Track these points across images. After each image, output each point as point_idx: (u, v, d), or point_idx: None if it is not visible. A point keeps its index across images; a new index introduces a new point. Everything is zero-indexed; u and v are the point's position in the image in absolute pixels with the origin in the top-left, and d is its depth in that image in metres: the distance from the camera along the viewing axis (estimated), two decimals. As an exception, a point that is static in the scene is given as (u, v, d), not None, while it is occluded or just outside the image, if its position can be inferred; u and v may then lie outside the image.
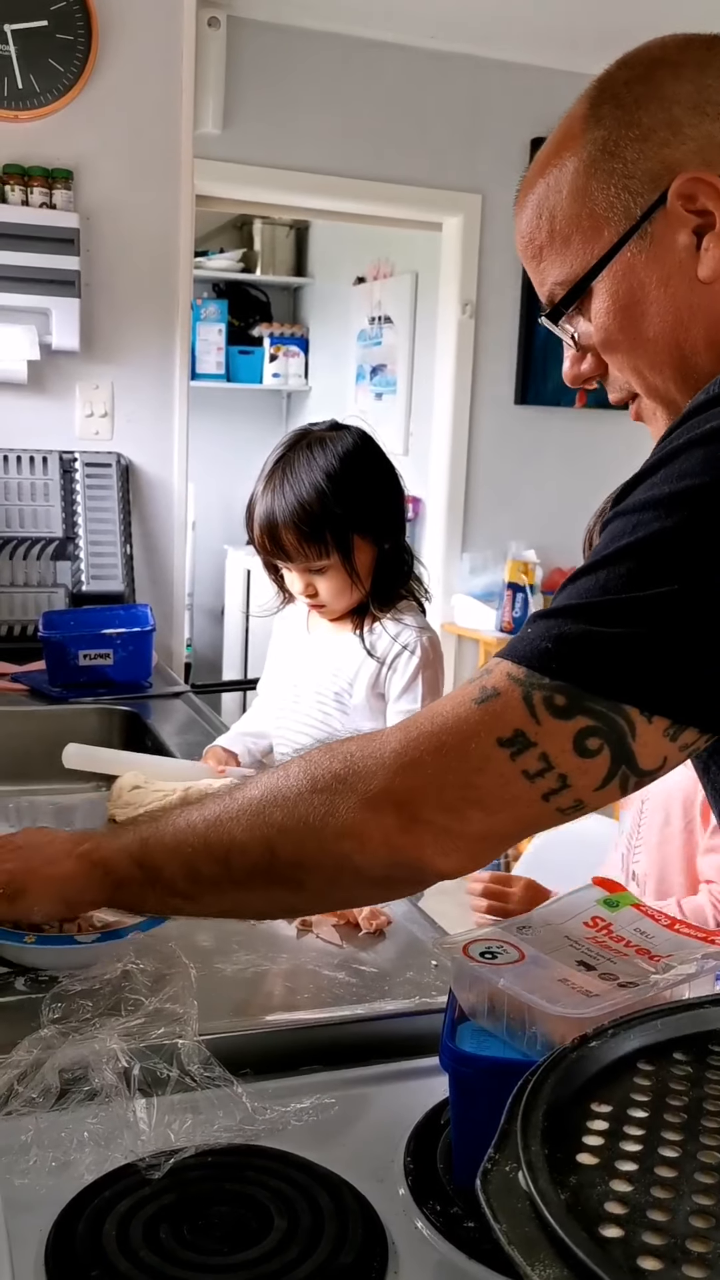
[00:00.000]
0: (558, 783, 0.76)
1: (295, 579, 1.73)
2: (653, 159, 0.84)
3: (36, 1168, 0.80)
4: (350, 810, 0.81)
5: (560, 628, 0.75)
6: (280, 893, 0.88)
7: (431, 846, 0.79)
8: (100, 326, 2.78)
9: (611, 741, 0.74)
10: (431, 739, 0.79)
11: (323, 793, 0.82)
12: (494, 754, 0.76)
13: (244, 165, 3.87)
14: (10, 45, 2.59)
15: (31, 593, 2.65)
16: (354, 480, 1.69)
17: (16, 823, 1.64)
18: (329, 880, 0.85)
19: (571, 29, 3.69)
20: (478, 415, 4.36)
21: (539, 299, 0.95)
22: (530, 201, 0.92)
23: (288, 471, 1.69)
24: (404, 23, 3.78)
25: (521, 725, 0.75)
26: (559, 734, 0.74)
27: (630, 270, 0.86)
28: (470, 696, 0.79)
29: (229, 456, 5.98)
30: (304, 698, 1.82)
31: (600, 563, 0.75)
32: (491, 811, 0.78)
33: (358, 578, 1.72)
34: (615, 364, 0.92)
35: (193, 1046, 0.88)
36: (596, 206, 0.87)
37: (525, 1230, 0.52)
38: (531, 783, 0.76)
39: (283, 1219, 0.76)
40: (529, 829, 0.81)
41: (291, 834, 0.83)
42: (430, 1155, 0.83)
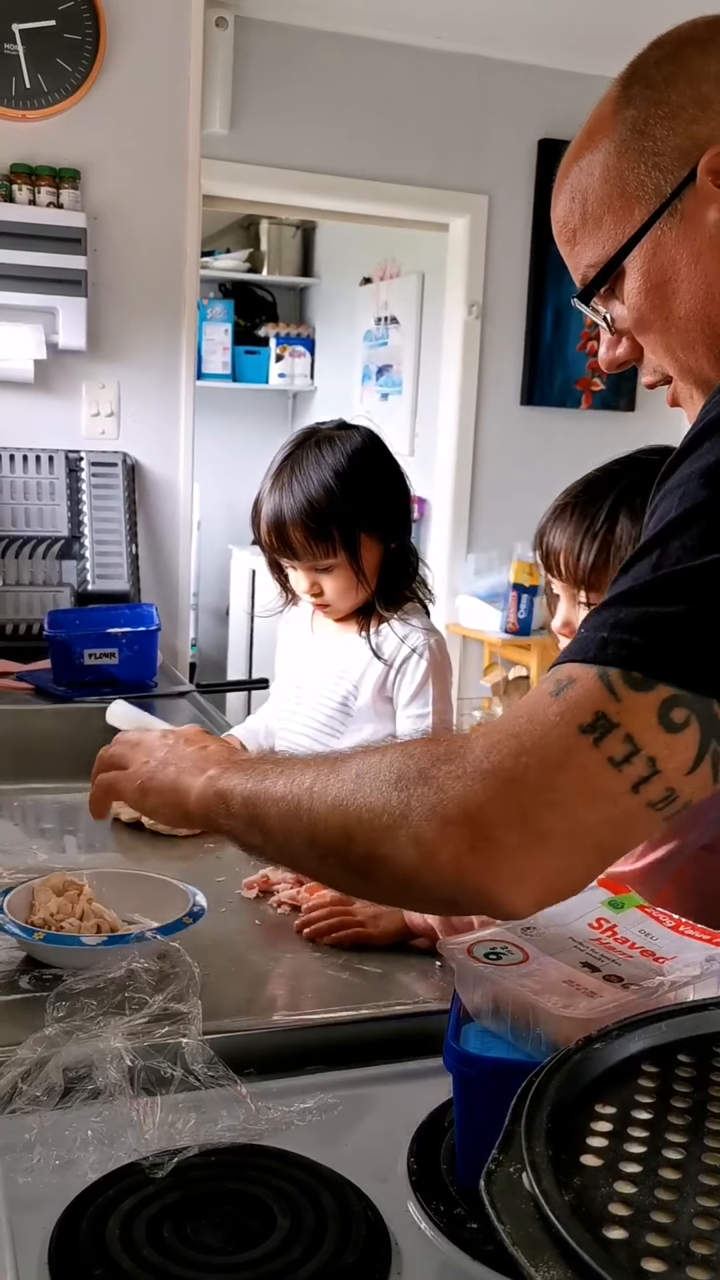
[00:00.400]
0: (647, 767, 0.70)
1: (301, 578, 1.73)
2: (682, 135, 0.84)
3: (40, 1166, 0.80)
4: (423, 818, 0.75)
5: (616, 615, 0.72)
6: (354, 879, 0.83)
7: (504, 870, 0.72)
8: (107, 326, 2.79)
9: (698, 710, 0.69)
10: (511, 741, 0.73)
11: (403, 791, 0.77)
12: (576, 744, 0.71)
13: (251, 165, 3.87)
14: (18, 45, 2.60)
15: (37, 592, 2.66)
16: (362, 479, 1.69)
17: (21, 821, 1.64)
18: (397, 884, 0.79)
19: (579, 30, 3.68)
20: (483, 416, 4.36)
21: (564, 289, 0.95)
22: (565, 187, 0.92)
23: (296, 469, 1.68)
24: (411, 24, 3.78)
25: (601, 706, 0.70)
26: (641, 708, 0.69)
27: (661, 247, 0.86)
28: (546, 691, 0.74)
29: (234, 456, 5.98)
30: (308, 699, 1.82)
31: (651, 543, 0.73)
32: (576, 815, 0.71)
33: (364, 577, 1.72)
34: (648, 345, 0.91)
35: (196, 1046, 0.89)
36: (627, 186, 0.87)
37: (529, 1231, 0.52)
38: (619, 771, 0.70)
39: (286, 1219, 0.75)
40: (619, 835, 0.74)
41: (367, 828, 0.79)
42: (434, 1156, 0.83)
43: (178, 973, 0.98)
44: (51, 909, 1.13)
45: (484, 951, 0.82)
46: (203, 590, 5.76)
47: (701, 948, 0.84)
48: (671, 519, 0.72)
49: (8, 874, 1.35)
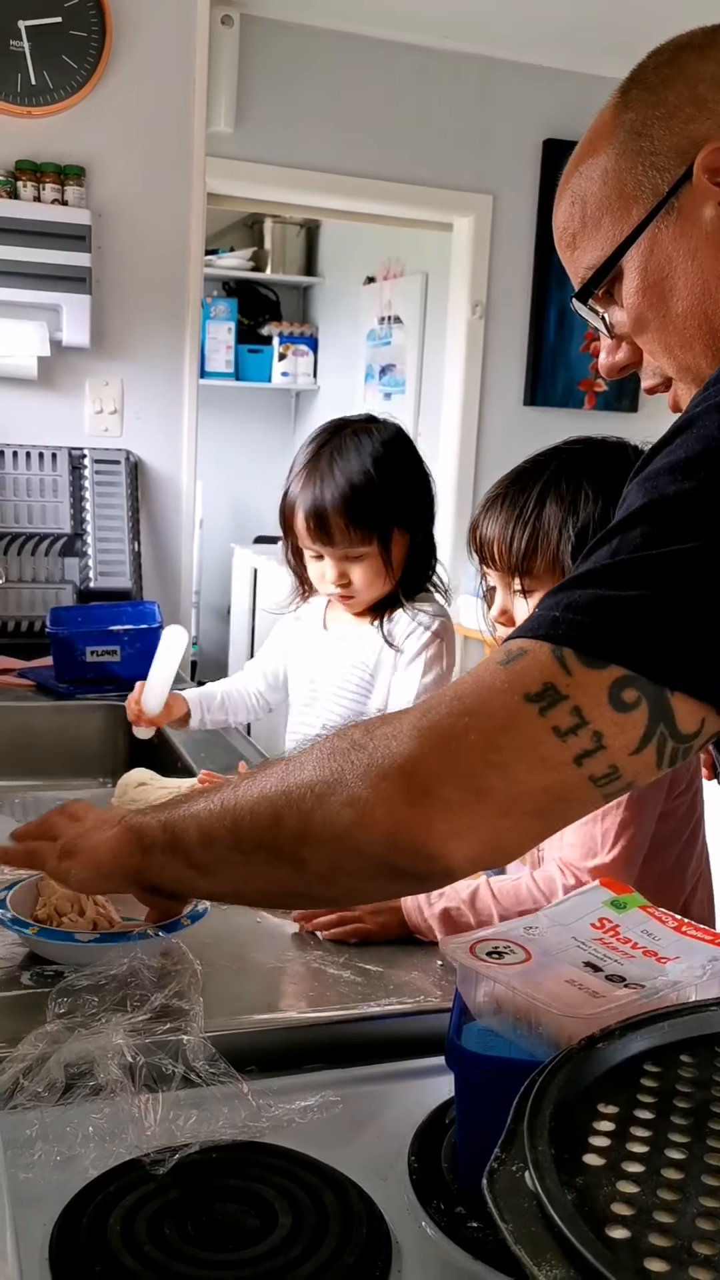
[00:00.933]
0: (592, 741, 0.70)
1: (330, 568, 1.73)
2: (678, 135, 0.85)
3: (41, 1162, 0.80)
4: (356, 777, 0.75)
5: (570, 596, 0.72)
6: (283, 870, 0.81)
7: (441, 824, 0.72)
8: (111, 323, 2.79)
9: (649, 694, 0.69)
10: (454, 702, 0.74)
11: (336, 760, 0.77)
12: (521, 709, 0.71)
13: (255, 164, 3.87)
14: (24, 41, 2.60)
15: (39, 588, 2.66)
16: (397, 468, 1.73)
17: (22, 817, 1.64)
18: (330, 860, 0.78)
19: (584, 30, 3.68)
20: (487, 416, 4.36)
21: (567, 289, 0.95)
22: (566, 195, 0.93)
23: (337, 456, 1.70)
24: (417, 23, 3.78)
25: (551, 678, 0.70)
26: (592, 684, 0.70)
27: (659, 246, 0.87)
28: (495, 660, 0.74)
29: (237, 455, 5.99)
30: (323, 693, 1.83)
31: (613, 530, 0.73)
32: (516, 778, 0.71)
33: (390, 567, 1.74)
34: (647, 345, 0.91)
35: (198, 1043, 0.89)
36: (625, 187, 0.87)
37: (531, 1230, 0.52)
38: (563, 741, 0.70)
39: (287, 1217, 0.75)
40: (558, 805, 0.73)
41: (296, 801, 0.78)
42: (435, 1155, 0.83)
43: (179, 970, 0.98)
44: (55, 904, 1.13)
45: (486, 950, 0.82)
46: (204, 589, 5.76)
47: (704, 948, 0.84)
48: (636, 508, 0.73)
49: (9, 870, 1.35)
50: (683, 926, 0.87)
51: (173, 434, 2.90)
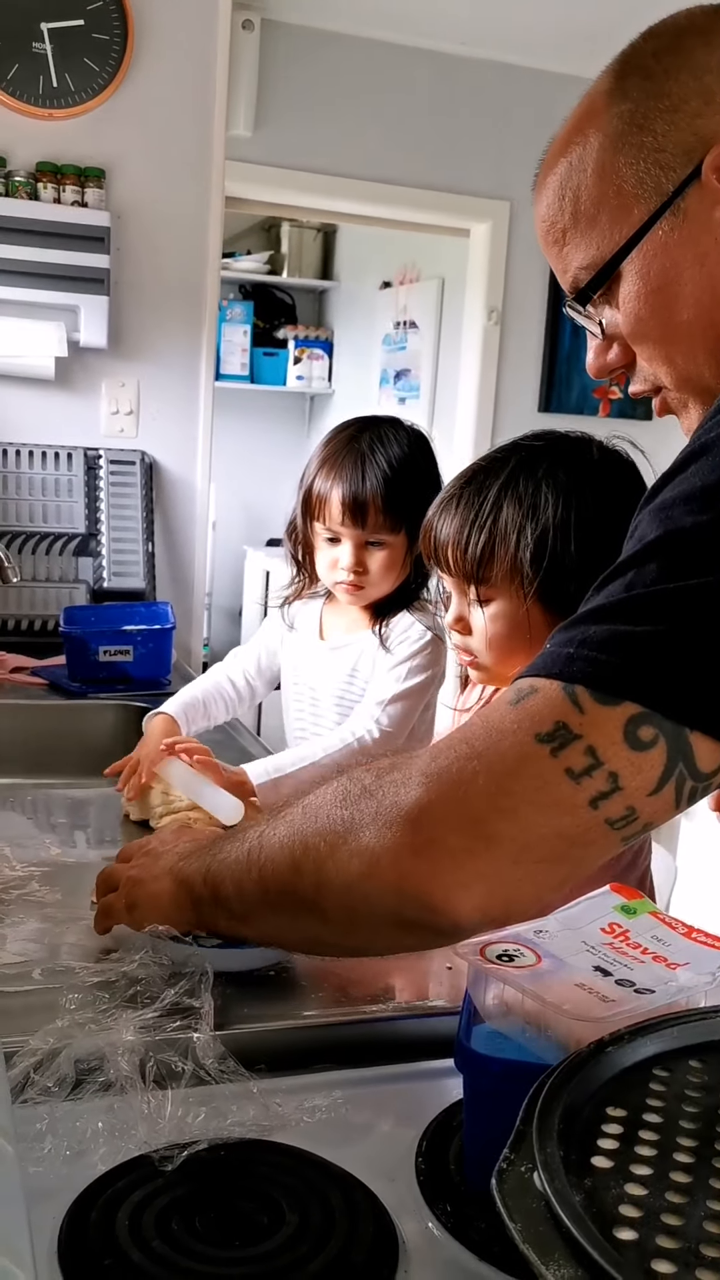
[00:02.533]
0: (608, 783, 0.66)
1: (347, 553, 1.72)
2: (685, 130, 0.80)
3: (51, 1156, 0.80)
4: (365, 825, 0.72)
5: (585, 632, 0.69)
6: (307, 920, 0.79)
7: (447, 875, 0.68)
8: (128, 325, 2.80)
9: (667, 731, 0.66)
10: (461, 745, 0.70)
11: (348, 808, 0.74)
12: (531, 751, 0.67)
13: (273, 168, 3.89)
14: (46, 44, 2.61)
15: (53, 588, 2.67)
16: (424, 462, 1.76)
17: (33, 815, 1.65)
18: (346, 910, 0.75)
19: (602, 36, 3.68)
20: (501, 422, 4.36)
21: (562, 288, 0.90)
22: (551, 183, 0.87)
23: (377, 443, 1.72)
24: (435, 29, 3.79)
25: (563, 717, 0.67)
26: (606, 722, 0.66)
27: (663, 249, 0.81)
28: (504, 700, 0.71)
29: (251, 458, 6.00)
30: (323, 701, 1.83)
31: (627, 562, 0.70)
32: (527, 823, 0.67)
33: (407, 561, 1.75)
34: (644, 353, 0.87)
35: (208, 1041, 0.89)
36: (625, 183, 0.82)
37: (540, 1230, 0.53)
38: (577, 783, 0.66)
39: (294, 1215, 0.76)
40: (573, 851, 0.69)
41: (312, 851, 0.76)
42: (443, 1156, 0.83)
43: (190, 969, 0.98)
44: None
45: (496, 953, 0.82)
46: (216, 590, 5.78)
47: (713, 955, 0.84)
48: (650, 541, 0.69)
49: (21, 867, 1.36)
50: (692, 933, 0.87)
51: (188, 436, 2.91)
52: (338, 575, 1.75)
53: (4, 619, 2.62)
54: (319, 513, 1.73)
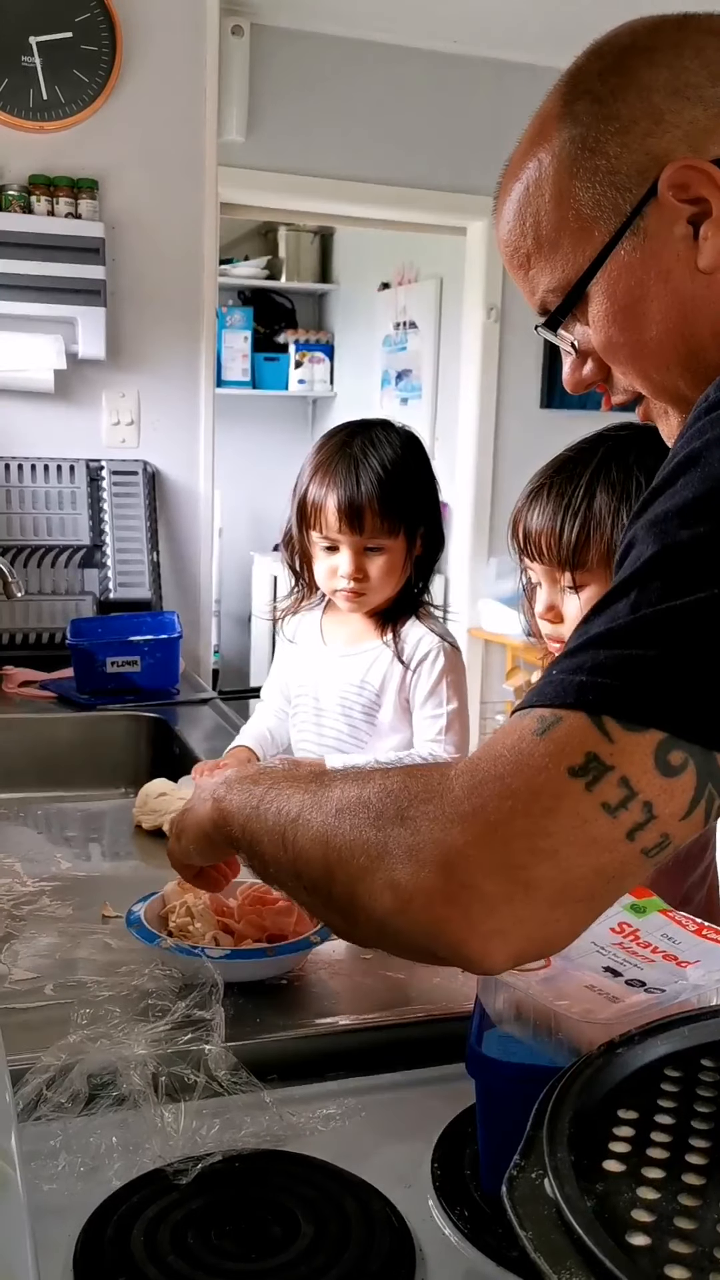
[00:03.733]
0: (643, 813, 0.65)
1: (346, 560, 1.71)
2: (637, 151, 0.80)
3: (65, 1173, 0.80)
4: (399, 860, 0.70)
5: (594, 658, 0.67)
6: (338, 919, 0.78)
7: (483, 924, 0.66)
8: (126, 335, 2.80)
9: (694, 754, 0.65)
10: (496, 783, 0.68)
11: (381, 831, 0.72)
12: (567, 788, 0.65)
13: (268, 172, 3.89)
14: (35, 57, 2.61)
15: (59, 600, 2.67)
16: (417, 463, 1.75)
17: (45, 829, 1.65)
18: (376, 929, 0.74)
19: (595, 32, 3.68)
20: (503, 419, 4.36)
21: (532, 308, 0.91)
22: (510, 208, 0.88)
23: (370, 447, 1.71)
24: (427, 28, 3.78)
25: (593, 748, 0.65)
26: (636, 751, 0.65)
27: (627, 269, 0.82)
28: (529, 730, 0.68)
29: (255, 463, 6.00)
30: (329, 711, 1.81)
31: (628, 582, 0.69)
32: (567, 864, 0.66)
33: (409, 564, 1.75)
34: (619, 368, 0.87)
35: (219, 1052, 0.89)
36: (583, 207, 0.82)
37: (551, 1237, 0.52)
38: (614, 817, 0.65)
39: (310, 1225, 0.76)
40: (609, 885, 0.68)
41: (345, 867, 0.74)
42: (457, 1161, 0.83)
43: (200, 980, 0.98)
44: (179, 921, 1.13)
45: (506, 956, 0.82)
46: (225, 597, 5.78)
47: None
48: (649, 557, 0.68)
49: (32, 882, 1.36)
50: (703, 930, 0.87)
51: (190, 444, 2.91)
52: (337, 584, 1.73)
53: (11, 633, 2.62)
54: (315, 521, 1.71)
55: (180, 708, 2.28)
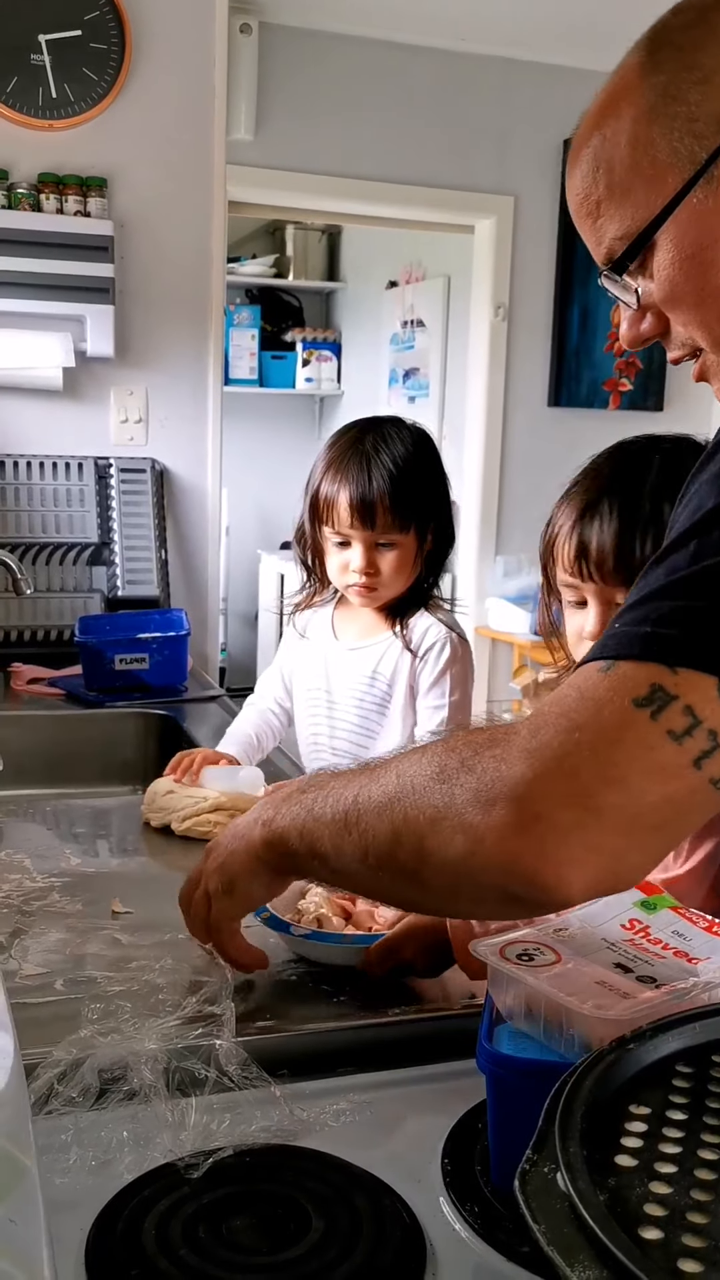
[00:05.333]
0: (709, 740, 0.66)
1: (358, 555, 1.72)
2: (717, 101, 0.81)
3: (77, 1167, 0.80)
4: (467, 804, 0.71)
5: (657, 610, 0.69)
6: (407, 887, 0.79)
7: (557, 851, 0.68)
8: (134, 333, 2.80)
9: None
10: (560, 719, 0.70)
11: (446, 783, 0.74)
12: (632, 716, 0.67)
13: (276, 171, 3.89)
14: (44, 55, 2.62)
15: (68, 598, 2.67)
16: (428, 460, 1.76)
17: (54, 825, 1.65)
18: (449, 883, 0.75)
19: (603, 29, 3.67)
20: (511, 418, 4.35)
21: (595, 260, 0.90)
22: (584, 157, 0.88)
23: (381, 444, 1.72)
24: (435, 26, 3.78)
25: (657, 679, 0.67)
26: (700, 682, 0.67)
27: (697, 216, 0.82)
28: (594, 669, 0.71)
29: (262, 461, 6.01)
30: (341, 704, 1.82)
31: (688, 533, 0.71)
32: (635, 791, 0.67)
33: (420, 560, 1.76)
34: (679, 319, 0.87)
35: (230, 1047, 0.89)
36: (659, 154, 0.83)
37: (564, 1231, 0.52)
38: (679, 744, 0.66)
39: (320, 1220, 0.76)
40: (679, 816, 0.70)
41: (412, 823, 0.75)
42: (468, 1157, 0.83)
43: (210, 976, 0.98)
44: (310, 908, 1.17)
45: (516, 953, 0.82)
46: (232, 595, 5.79)
47: (735, 948, 0.84)
48: (710, 509, 0.70)
49: (41, 878, 1.36)
50: (713, 926, 0.87)
51: (197, 442, 2.91)
52: (349, 579, 1.75)
53: (19, 630, 2.63)
54: (327, 516, 1.73)
55: (188, 705, 2.28)
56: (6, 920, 1.22)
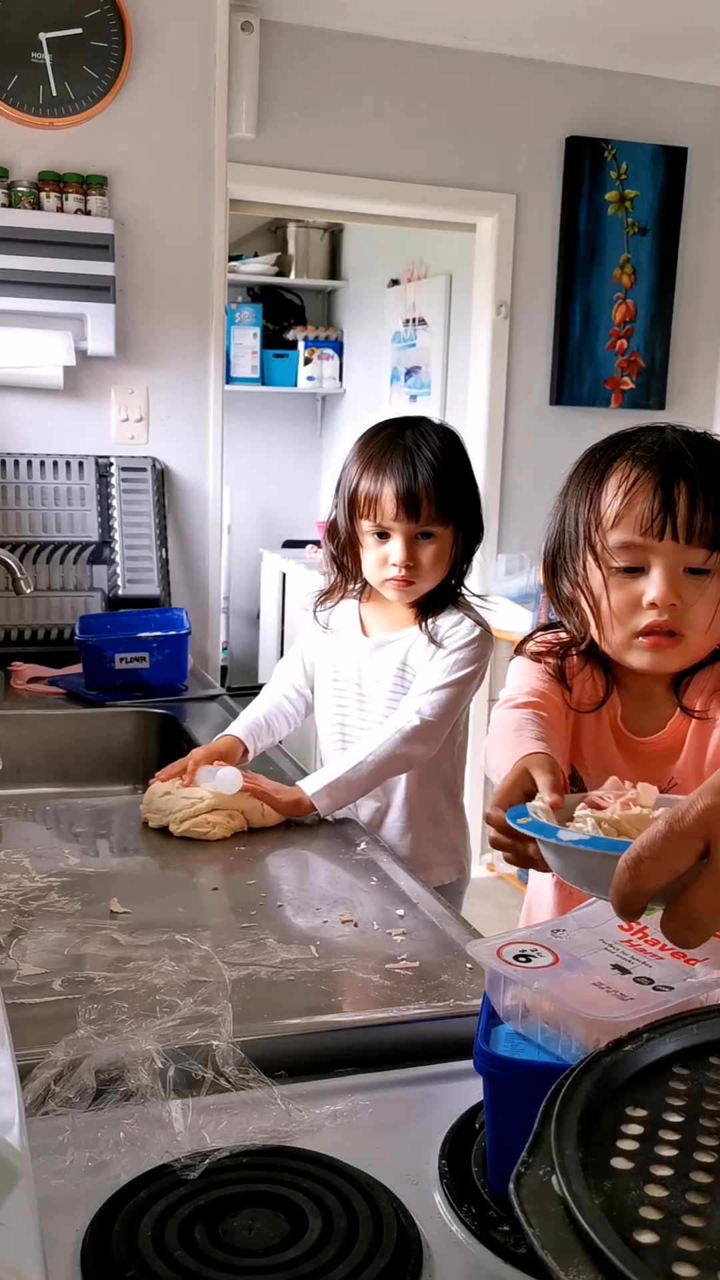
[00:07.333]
0: None
1: (398, 548, 1.75)
2: None
3: (73, 1168, 0.80)
4: None
5: None
6: None
7: None
8: (135, 331, 2.80)
9: None
10: None
11: None
12: None
13: (277, 169, 3.88)
14: (45, 53, 2.61)
15: (69, 596, 2.67)
16: (463, 458, 1.83)
17: (53, 825, 1.65)
18: None
19: (605, 27, 3.67)
20: (513, 416, 4.35)
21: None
22: None
23: (419, 437, 1.77)
24: (436, 23, 3.77)
25: None
26: None
27: None
28: None
29: (264, 460, 6.00)
30: (371, 697, 1.84)
31: None
32: None
33: (456, 551, 1.79)
34: None
35: (227, 1048, 0.89)
36: None
37: (559, 1235, 0.52)
38: None
39: (317, 1221, 0.75)
40: None
41: None
42: (465, 1159, 0.83)
43: (207, 977, 0.98)
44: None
45: (513, 954, 0.82)
46: (234, 594, 5.78)
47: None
48: None
49: (40, 877, 1.36)
50: (712, 927, 0.86)
51: (199, 440, 2.91)
52: (387, 572, 1.77)
53: (20, 629, 2.63)
54: (369, 510, 1.76)
55: (189, 704, 2.29)
56: (5, 920, 1.22)
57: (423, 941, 1.19)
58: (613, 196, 4.10)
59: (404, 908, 1.29)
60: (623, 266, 4.18)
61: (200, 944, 1.11)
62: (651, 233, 4.19)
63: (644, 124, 4.07)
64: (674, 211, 4.20)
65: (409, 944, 1.19)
